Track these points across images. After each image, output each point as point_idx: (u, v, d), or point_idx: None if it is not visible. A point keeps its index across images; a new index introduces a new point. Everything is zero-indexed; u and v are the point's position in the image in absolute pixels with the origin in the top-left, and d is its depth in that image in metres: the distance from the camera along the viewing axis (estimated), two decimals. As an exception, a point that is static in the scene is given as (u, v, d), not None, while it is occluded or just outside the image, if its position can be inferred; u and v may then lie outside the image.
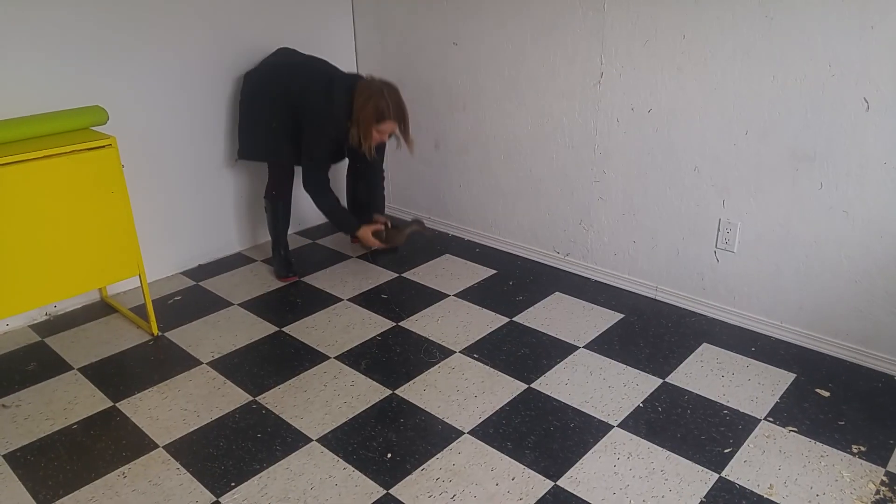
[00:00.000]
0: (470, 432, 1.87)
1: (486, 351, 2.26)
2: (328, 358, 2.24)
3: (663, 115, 2.36)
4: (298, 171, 2.78)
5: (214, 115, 2.83)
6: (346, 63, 3.19)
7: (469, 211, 3.15)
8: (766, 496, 1.62)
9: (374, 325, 2.44)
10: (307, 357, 2.25)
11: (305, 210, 3.12)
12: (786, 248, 2.21)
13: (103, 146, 2.14)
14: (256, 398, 2.04)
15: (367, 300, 2.62)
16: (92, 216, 2.16)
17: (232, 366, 2.21)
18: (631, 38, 2.35)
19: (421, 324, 2.45)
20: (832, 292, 2.14)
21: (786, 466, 1.71)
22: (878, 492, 1.63)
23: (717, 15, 2.12)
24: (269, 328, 2.43)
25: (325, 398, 2.03)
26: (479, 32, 2.78)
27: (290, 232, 3.04)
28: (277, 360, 2.24)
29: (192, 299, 2.66)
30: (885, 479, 1.67)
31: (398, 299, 2.62)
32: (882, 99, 1.90)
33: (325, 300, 2.63)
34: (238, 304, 2.61)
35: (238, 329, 2.43)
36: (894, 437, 1.81)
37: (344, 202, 2.98)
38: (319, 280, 2.81)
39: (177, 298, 2.67)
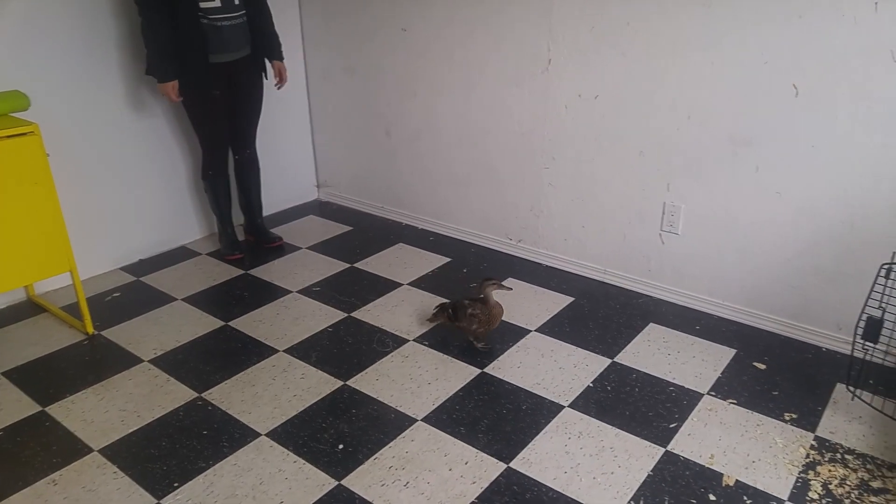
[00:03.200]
0: (423, 419, 1.90)
1: (440, 338, 2.29)
2: (277, 351, 2.23)
3: (609, 102, 2.42)
4: (244, 154, 2.74)
5: (147, 97, 2.75)
6: (292, 50, 3.15)
7: (422, 199, 3.16)
8: (707, 466, 1.71)
9: (325, 316, 2.44)
10: (255, 351, 2.23)
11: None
12: (726, 229, 2.30)
13: (25, 133, 2.06)
14: (202, 394, 2.01)
15: (318, 292, 2.61)
16: (15, 209, 2.08)
17: (176, 362, 2.17)
18: (577, 25, 2.39)
19: (373, 314, 2.45)
20: (768, 270, 2.25)
21: (725, 437, 1.80)
22: (807, 455, 1.74)
23: (659, 3, 2.19)
24: (215, 323, 2.40)
25: (275, 392, 2.02)
26: (429, 18, 2.78)
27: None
28: (224, 355, 2.21)
29: (131, 296, 2.59)
30: (814, 443, 1.78)
31: (350, 290, 2.62)
32: (809, 85, 2.00)
33: (273, 293, 2.61)
34: (182, 300, 2.56)
35: (182, 325, 2.38)
36: (822, 403, 1.93)
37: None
38: (268, 272, 2.78)
39: (115, 295, 2.60)
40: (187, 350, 2.24)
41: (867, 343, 1.85)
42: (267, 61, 2.78)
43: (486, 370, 2.11)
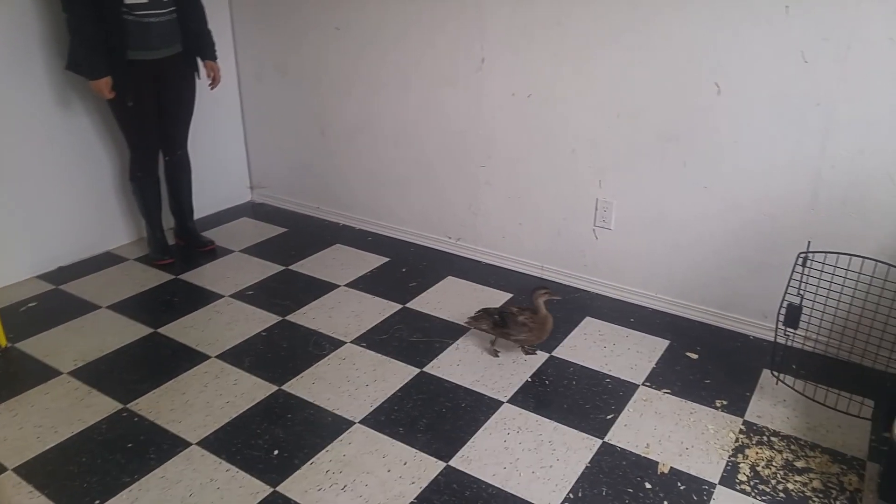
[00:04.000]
0: (361, 421, 1.86)
1: (378, 339, 2.25)
2: (209, 357, 2.14)
3: (542, 100, 2.44)
4: (175, 155, 2.64)
5: (71, 95, 2.61)
6: (223, 49, 3.04)
7: (359, 199, 3.11)
8: (643, 455, 1.74)
9: (259, 320, 2.36)
10: (186, 358, 2.13)
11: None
12: (657, 223, 2.36)
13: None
14: (127, 405, 1.91)
15: (251, 295, 2.53)
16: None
17: (98, 374, 2.05)
18: (510, 25, 2.41)
19: (309, 316, 2.39)
20: (697, 263, 2.32)
21: (660, 426, 1.84)
22: (737, 439, 1.79)
23: (588, 3, 2.22)
24: (143, 330, 2.29)
25: (206, 399, 1.94)
26: (362, 17, 2.74)
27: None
28: (152, 363, 2.11)
29: (50, 305, 2.44)
30: (742, 427, 1.84)
31: (285, 293, 2.55)
32: (731, 84, 2.08)
33: (205, 297, 2.51)
34: (106, 307, 2.43)
35: (106, 334, 2.26)
36: (750, 389, 1.99)
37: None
38: (199, 277, 2.67)
39: (31, 305, 2.44)
40: (111, 360, 2.12)
41: (788, 329, 1.93)
42: (199, 60, 2.68)
43: (424, 369, 2.09)
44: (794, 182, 2.07)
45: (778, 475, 1.67)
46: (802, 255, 1.87)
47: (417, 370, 2.09)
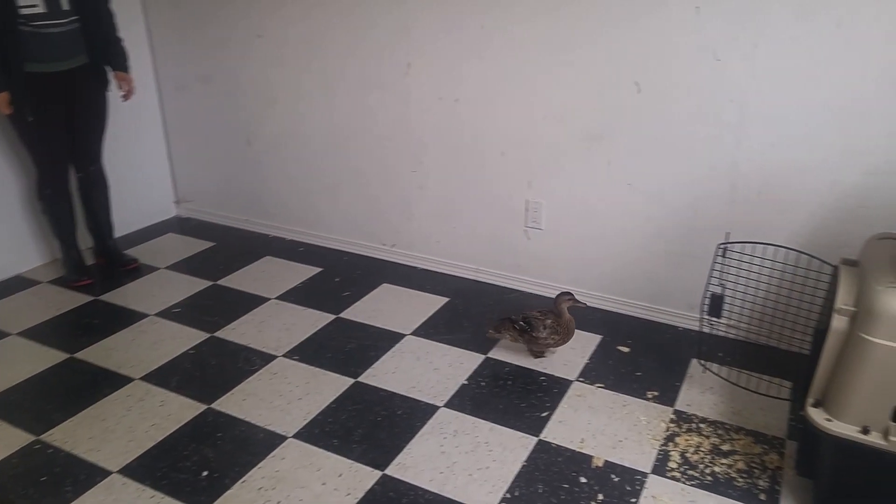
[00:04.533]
0: (294, 436, 1.85)
1: (311, 351, 2.24)
2: (132, 380, 2.08)
3: (470, 104, 2.49)
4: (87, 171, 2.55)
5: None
6: (140, 59, 2.98)
7: (289, 209, 3.09)
8: (578, 450, 1.79)
9: (186, 338, 2.31)
10: (106, 382, 2.07)
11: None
12: (585, 222, 2.44)
13: None
14: (40, 437, 1.83)
15: (178, 313, 2.47)
16: None
17: (7, 405, 1.96)
18: (434, 29, 2.45)
19: (239, 332, 2.36)
20: (626, 258, 2.41)
21: (594, 420, 1.90)
22: (667, 429, 1.87)
23: (511, 7, 2.28)
24: (58, 356, 2.20)
25: (129, 424, 1.88)
26: (285, 24, 2.73)
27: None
28: (68, 390, 2.03)
29: (-45, 334, 2.32)
30: (673, 416, 1.92)
31: (214, 309, 2.50)
32: (650, 82, 2.17)
33: (128, 318, 2.44)
34: (16, 334, 2.32)
35: (15, 362, 2.16)
36: (679, 379, 2.08)
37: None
38: (122, 296, 2.59)
39: (-67, 335, 2.32)
40: (22, 390, 2.03)
41: (712, 318, 2.02)
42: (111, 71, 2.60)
43: (359, 379, 2.09)
44: (713, 176, 2.18)
45: (706, 460, 1.75)
46: (722, 247, 1.97)
47: (352, 380, 2.08)
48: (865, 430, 1.42)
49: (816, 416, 1.47)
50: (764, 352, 2.19)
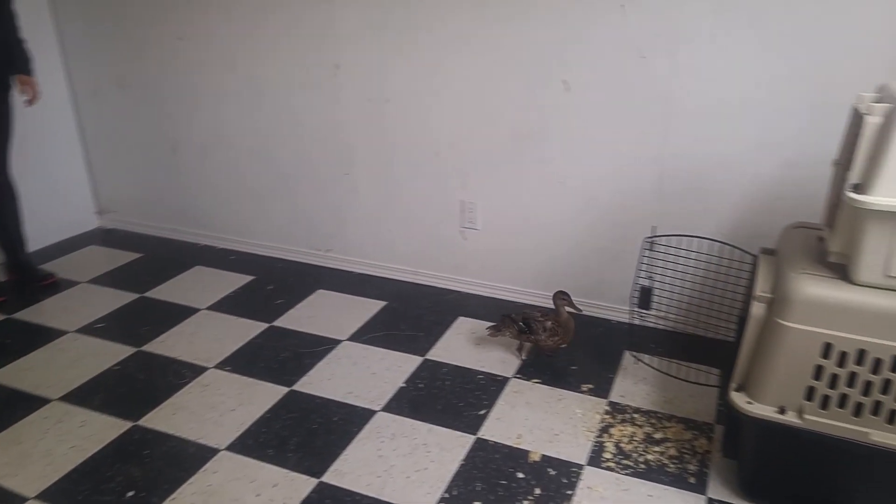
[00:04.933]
0: (227, 448, 1.82)
1: (244, 361, 2.21)
2: (50, 401, 2.00)
3: (400, 105, 2.50)
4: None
5: None
6: (50, 64, 2.87)
7: (219, 217, 3.03)
8: (515, 446, 1.83)
9: (111, 354, 2.24)
10: (21, 405, 1.98)
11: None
12: (520, 220, 2.49)
13: None
14: (-50, 464, 1.75)
15: (101, 328, 2.39)
16: None
17: (-87, 433, 1.86)
18: (361, 29, 2.45)
19: (168, 344, 2.30)
20: (560, 255, 2.47)
21: (531, 415, 1.95)
22: (602, 420, 1.93)
23: (436, 7, 2.31)
24: (-32, 379, 2.10)
25: (47, 447, 1.81)
26: (206, 25, 2.69)
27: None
28: (-20, 415, 1.95)
29: None
30: (607, 408, 1.98)
31: (140, 322, 2.43)
32: (578, 81, 2.24)
33: (45, 336, 2.34)
34: (-79, 358, 2.21)
35: (-78, 387, 2.06)
36: (613, 371, 2.15)
37: None
38: (38, 314, 2.49)
39: None
40: (-70, 416, 1.93)
41: (642, 311, 2.10)
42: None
43: (294, 388, 2.07)
44: (641, 172, 2.26)
45: (639, 449, 1.81)
46: (648, 240, 2.05)
47: (286, 389, 2.07)
48: (782, 411, 1.50)
49: (738, 399, 1.55)
50: (693, 341, 2.28)
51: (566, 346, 2.17)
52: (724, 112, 2.08)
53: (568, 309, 2.15)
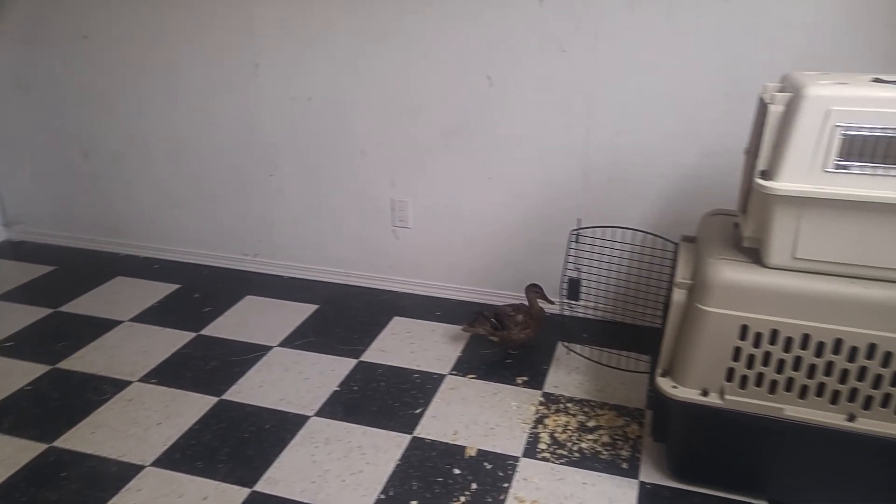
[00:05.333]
0: (153, 464, 1.76)
1: (171, 373, 2.15)
2: (-47, 427, 1.89)
3: (324, 103, 2.48)
4: None
5: None
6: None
7: (140, 224, 2.93)
8: (451, 442, 1.84)
9: (21, 374, 2.13)
10: (-79, 433, 1.87)
11: None
12: (451, 217, 2.51)
13: None
14: None
15: (11, 347, 2.27)
16: None
17: None
18: (281, 27, 2.41)
19: (87, 360, 2.21)
20: (492, 250, 2.51)
21: (467, 411, 1.97)
22: (537, 412, 1.97)
23: (356, 2, 2.30)
24: None
25: (-48, 476, 1.71)
26: (113, 23, 2.59)
27: None
28: None
29: None
30: (542, 398, 2.03)
31: (55, 338, 2.32)
32: (501, 76, 2.27)
33: (-52, 358, 2.21)
34: None
35: None
36: (547, 362, 2.20)
37: None
38: (-61, 335, 2.35)
39: None
40: None
41: (571, 302, 2.16)
42: None
43: (224, 397, 2.03)
44: (567, 165, 2.32)
45: (573, 438, 1.86)
46: (574, 232, 2.10)
47: (216, 399, 2.02)
48: (705, 393, 1.57)
49: (664, 384, 1.61)
50: (623, 329, 2.36)
51: (536, 333, 2.22)
52: (645, 104, 2.16)
53: (541, 302, 2.19)
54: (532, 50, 2.21)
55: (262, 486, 1.69)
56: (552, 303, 2.22)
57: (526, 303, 2.21)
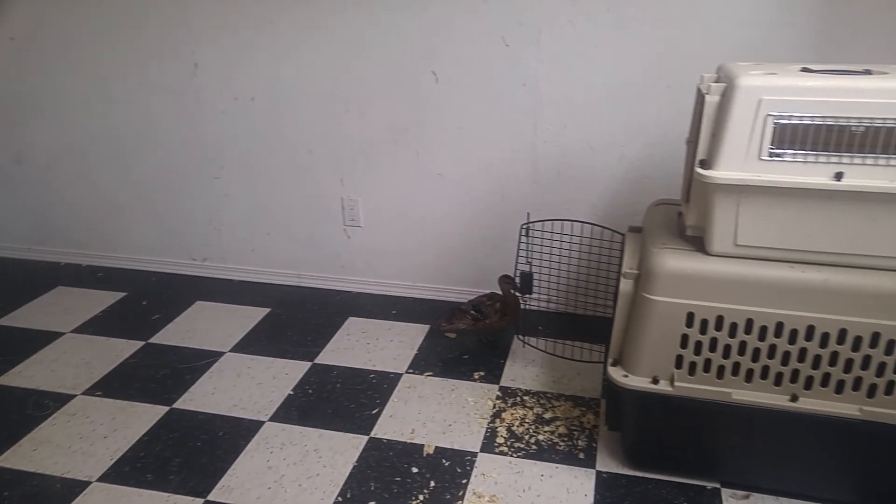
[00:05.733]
0: (100, 479, 1.72)
1: (117, 384, 2.09)
2: None
3: (267, 102, 2.45)
4: None
5: None
6: None
7: (81, 231, 2.84)
8: (409, 441, 1.85)
9: (-43, 392, 2.05)
10: None
11: None
12: (403, 214, 2.51)
13: None
14: None
15: (-55, 364, 2.19)
16: None
17: None
18: (219, 27, 2.37)
19: (26, 375, 2.14)
20: (445, 246, 2.52)
21: (424, 409, 1.98)
22: (494, 406, 1.99)
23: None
24: None
25: None
26: (43, 24, 2.50)
27: None
28: None
29: None
30: (499, 393, 2.05)
31: (-9, 353, 2.25)
32: (446, 71, 2.28)
33: None
34: None
35: None
36: (504, 357, 2.23)
37: None
38: None
39: None
40: None
41: (525, 295, 2.18)
42: None
43: (174, 406, 1.99)
44: (515, 160, 2.34)
45: (530, 430, 1.89)
46: (524, 226, 2.13)
47: (166, 408, 1.98)
48: (655, 381, 1.61)
49: (615, 373, 1.65)
50: (577, 320, 2.40)
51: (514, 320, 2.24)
52: (589, 97, 2.19)
53: (513, 291, 2.21)
54: (476, 44, 2.22)
55: (215, 496, 1.66)
56: (526, 292, 2.25)
57: (499, 292, 2.23)
